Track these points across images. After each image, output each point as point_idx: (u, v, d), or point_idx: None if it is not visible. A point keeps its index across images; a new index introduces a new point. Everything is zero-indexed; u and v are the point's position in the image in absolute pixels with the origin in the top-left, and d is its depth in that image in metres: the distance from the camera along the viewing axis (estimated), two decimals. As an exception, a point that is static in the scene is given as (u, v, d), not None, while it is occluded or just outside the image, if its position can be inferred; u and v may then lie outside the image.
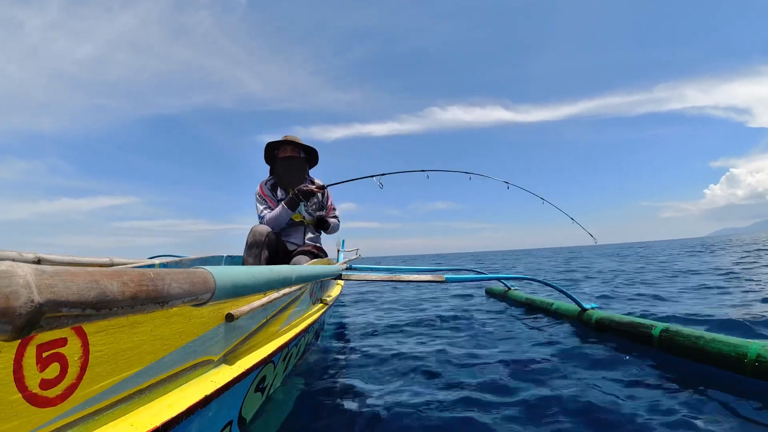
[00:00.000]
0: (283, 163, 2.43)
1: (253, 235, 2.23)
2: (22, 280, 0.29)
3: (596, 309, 2.38)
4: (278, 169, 2.45)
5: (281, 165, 2.44)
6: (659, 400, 1.29)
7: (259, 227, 2.27)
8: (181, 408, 0.60)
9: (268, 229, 2.27)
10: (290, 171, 2.45)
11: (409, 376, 1.71)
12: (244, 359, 0.88)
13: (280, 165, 2.44)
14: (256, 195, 2.49)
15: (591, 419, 1.20)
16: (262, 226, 2.28)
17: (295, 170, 2.45)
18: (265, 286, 0.74)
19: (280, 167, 2.44)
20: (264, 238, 2.22)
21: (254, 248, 2.20)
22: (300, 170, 2.48)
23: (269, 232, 2.26)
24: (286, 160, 2.43)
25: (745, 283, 4.01)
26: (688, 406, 1.24)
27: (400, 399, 1.44)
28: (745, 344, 1.43)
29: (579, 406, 1.29)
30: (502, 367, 1.75)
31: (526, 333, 2.36)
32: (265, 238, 2.22)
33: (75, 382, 0.50)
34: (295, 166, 2.45)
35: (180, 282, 0.47)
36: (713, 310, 2.63)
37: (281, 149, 2.46)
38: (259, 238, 2.22)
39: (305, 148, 2.52)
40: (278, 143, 2.46)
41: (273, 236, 2.29)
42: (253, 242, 2.21)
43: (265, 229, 2.26)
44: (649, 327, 1.85)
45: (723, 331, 1.88)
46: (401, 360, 1.98)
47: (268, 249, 2.24)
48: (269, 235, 2.25)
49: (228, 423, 0.89)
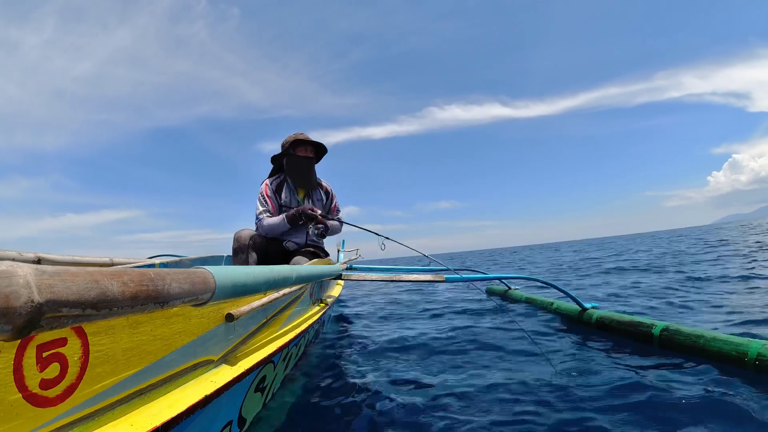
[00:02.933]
0: (305, 161, 2.40)
1: (236, 241, 2.20)
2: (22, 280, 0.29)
3: (596, 308, 2.39)
4: (298, 166, 2.41)
5: (302, 163, 2.40)
6: (660, 400, 1.29)
7: (242, 232, 2.23)
8: (181, 408, 0.60)
9: (251, 233, 2.24)
10: (309, 170, 2.43)
11: (410, 376, 1.71)
12: (244, 359, 0.88)
13: (301, 163, 2.40)
14: (260, 193, 2.45)
15: (591, 419, 1.20)
16: (246, 231, 2.25)
17: (312, 170, 2.45)
18: (265, 286, 0.74)
19: (301, 165, 2.41)
20: (248, 241, 2.19)
21: (240, 254, 2.18)
22: (313, 173, 2.48)
23: (254, 235, 2.23)
24: (306, 161, 2.41)
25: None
26: (688, 405, 1.24)
27: (401, 399, 1.44)
28: (745, 343, 1.43)
29: (579, 405, 1.29)
30: (503, 368, 1.75)
31: (526, 333, 2.36)
32: (250, 241, 2.19)
33: (75, 382, 0.50)
34: (311, 167, 2.45)
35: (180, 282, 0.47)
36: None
37: (302, 147, 2.43)
38: (243, 243, 2.18)
39: (319, 147, 2.51)
40: (301, 141, 2.42)
41: (259, 238, 2.26)
42: (237, 248, 2.18)
43: (247, 233, 2.23)
44: (649, 326, 1.85)
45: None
46: (403, 359, 1.98)
47: (255, 252, 2.20)
48: (254, 238, 2.22)
49: (228, 423, 0.89)
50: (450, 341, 2.28)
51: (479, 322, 2.76)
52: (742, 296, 2.93)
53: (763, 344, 1.38)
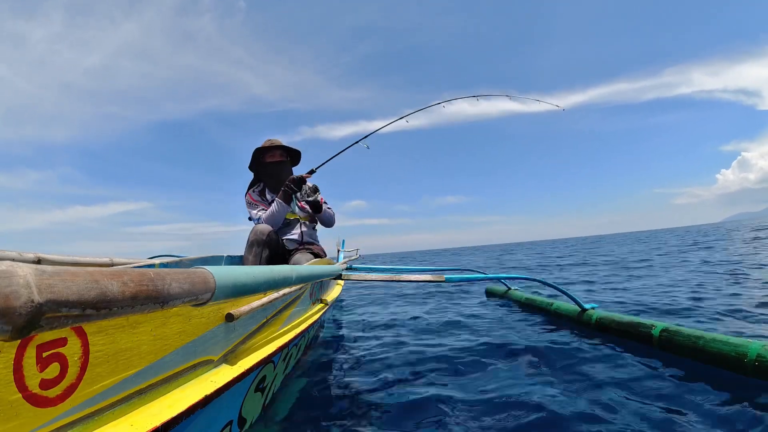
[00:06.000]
0: (274, 167, 2.49)
1: (255, 234, 2.24)
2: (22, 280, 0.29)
3: (596, 309, 2.38)
4: (269, 172, 2.51)
5: (272, 168, 2.49)
6: (659, 400, 1.29)
7: (261, 226, 2.29)
8: (181, 408, 0.60)
9: (269, 229, 2.29)
10: (281, 175, 2.51)
11: (410, 376, 1.71)
12: (244, 359, 0.88)
13: (271, 168, 2.49)
14: (246, 203, 2.54)
15: (592, 419, 1.20)
16: (264, 225, 2.30)
17: (284, 174, 2.52)
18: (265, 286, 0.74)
19: (272, 171, 2.50)
20: (265, 237, 2.23)
21: (255, 247, 2.22)
22: (288, 174, 2.56)
23: (270, 231, 2.28)
24: (277, 165, 2.49)
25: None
26: (688, 406, 1.24)
27: (401, 399, 1.44)
28: (745, 344, 1.43)
29: (580, 406, 1.29)
30: (503, 369, 1.75)
31: (526, 333, 2.36)
32: (266, 237, 2.24)
33: (75, 382, 0.50)
34: (284, 170, 2.54)
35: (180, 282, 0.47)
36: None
37: (269, 154, 2.50)
38: (261, 236, 2.23)
39: (290, 151, 2.59)
40: (266, 148, 2.51)
41: (274, 235, 2.31)
42: (255, 240, 2.23)
43: (266, 228, 2.27)
44: (649, 327, 1.85)
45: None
46: (401, 360, 1.98)
47: (269, 248, 2.25)
48: (270, 235, 2.27)
49: (228, 423, 0.89)
50: (450, 341, 2.28)
51: (479, 323, 2.76)
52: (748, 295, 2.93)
53: (762, 345, 1.38)
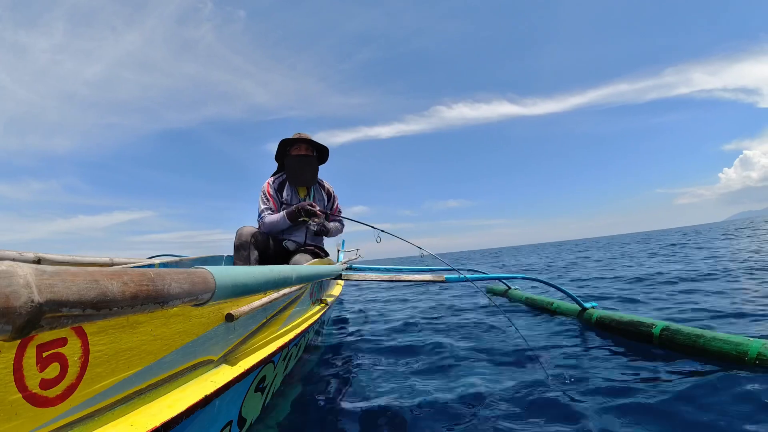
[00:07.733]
0: (297, 160, 2.38)
1: (239, 238, 2.18)
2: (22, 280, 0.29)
3: (597, 308, 2.38)
4: (292, 165, 2.39)
5: (295, 162, 2.38)
6: (660, 400, 1.29)
7: (244, 229, 2.22)
8: (181, 408, 0.60)
9: (253, 230, 2.23)
10: (304, 169, 2.40)
11: (410, 376, 1.71)
12: (244, 359, 0.88)
13: (294, 162, 2.38)
14: (262, 192, 2.45)
15: (592, 419, 1.20)
16: (247, 228, 2.24)
17: (308, 168, 2.41)
18: (265, 286, 0.74)
19: (294, 164, 2.39)
20: (250, 239, 2.17)
21: (241, 251, 2.16)
22: (312, 169, 2.44)
23: (255, 232, 2.22)
24: (301, 158, 2.38)
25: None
26: (688, 405, 1.23)
27: (401, 399, 1.44)
28: (745, 342, 1.43)
29: (579, 405, 1.29)
30: (503, 368, 1.75)
31: (527, 333, 2.36)
32: (251, 239, 2.17)
33: (75, 382, 0.50)
34: (308, 165, 2.41)
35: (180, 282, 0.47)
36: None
37: (295, 147, 2.42)
38: (245, 239, 2.17)
39: (318, 146, 2.48)
40: (292, 140, 2.41)
41: (260, 236, 2.25)
42: (239, 245, 2.17)
43: (250, 230, 2.21)
44: (649, 326, 1.85)
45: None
46: (401, 360, 1.98)
47: (256, 249, 2.19)
48: (255, 236, 2.20)
49: (228, 423, 0.89)
50: (450, 340, 2.28)
51: (479, 323, 2.76)
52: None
53: (763, 344, 1.38)
